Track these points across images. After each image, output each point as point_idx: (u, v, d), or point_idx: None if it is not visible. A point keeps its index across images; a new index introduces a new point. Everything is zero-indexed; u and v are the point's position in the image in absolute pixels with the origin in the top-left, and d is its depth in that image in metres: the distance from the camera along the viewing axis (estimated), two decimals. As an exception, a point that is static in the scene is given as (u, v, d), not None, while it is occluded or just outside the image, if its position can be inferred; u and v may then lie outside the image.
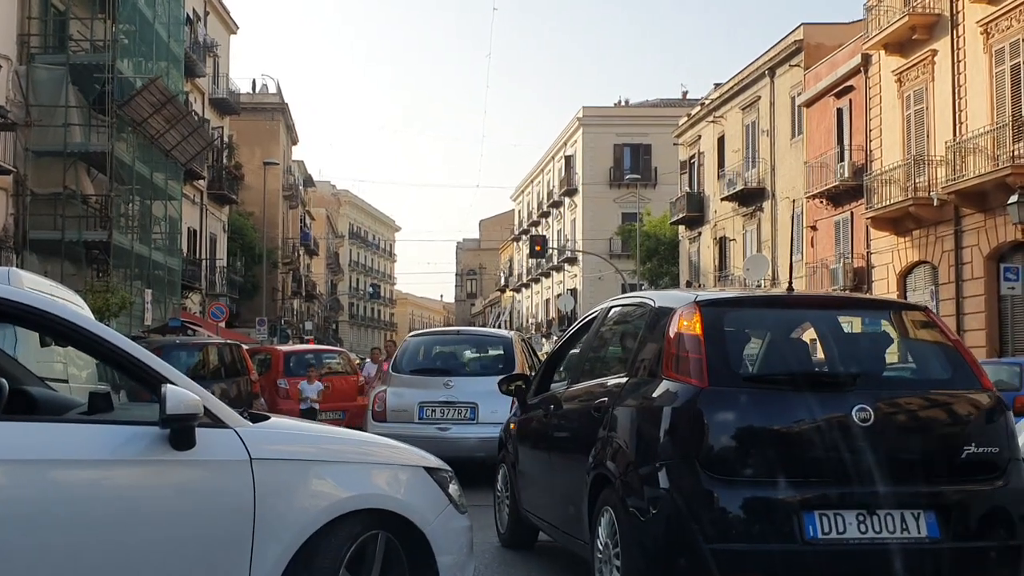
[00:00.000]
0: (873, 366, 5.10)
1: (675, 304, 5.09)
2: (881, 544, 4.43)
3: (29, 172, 24.50)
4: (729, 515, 4.44)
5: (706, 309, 4.89)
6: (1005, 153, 21.62)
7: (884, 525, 4.47)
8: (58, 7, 26.11)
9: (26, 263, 23.11)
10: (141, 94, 26.53)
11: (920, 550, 4.46)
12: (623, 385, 5.23)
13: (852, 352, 5.35)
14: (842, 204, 30.40)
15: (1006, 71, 22.26)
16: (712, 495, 4.44)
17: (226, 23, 46.25)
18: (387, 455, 4.34)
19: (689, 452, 4.53)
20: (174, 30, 31.89)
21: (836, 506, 4.46)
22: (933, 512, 4.52)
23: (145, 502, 3.59)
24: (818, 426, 4.58)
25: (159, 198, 31.22)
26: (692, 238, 44.52)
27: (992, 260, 22.90)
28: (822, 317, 5.41)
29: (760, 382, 4.86)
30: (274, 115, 54.92)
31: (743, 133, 38.73)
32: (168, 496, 3.63)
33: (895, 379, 5.25)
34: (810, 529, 4.41)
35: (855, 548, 4.43)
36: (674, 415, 4.64)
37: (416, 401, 10.98)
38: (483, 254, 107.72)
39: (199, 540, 3.65)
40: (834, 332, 5.34)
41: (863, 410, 4.56)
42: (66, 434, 3.61)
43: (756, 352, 5.36)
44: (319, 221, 78.16)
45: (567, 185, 63.76)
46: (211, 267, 41.41)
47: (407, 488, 4.19)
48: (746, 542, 4.42)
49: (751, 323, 5.35)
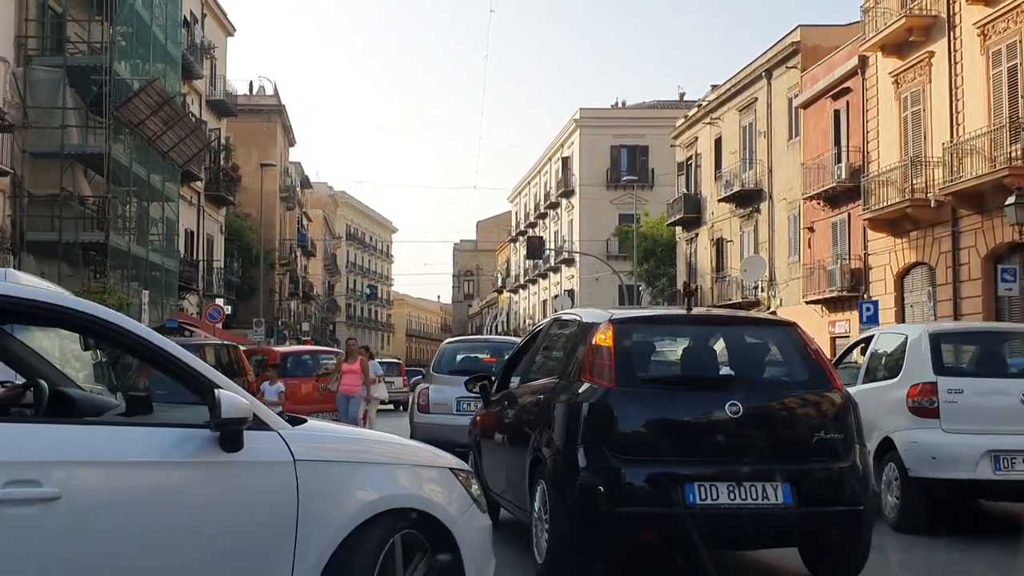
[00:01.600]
0: (748, 371, 6.48)
1: (596, 320, 6.41)
2: (746, 508, 5.69)
3: (26, 173, 24.48)
4: (631, 486, 5.68)
5: (617, 325, 6.20)
6: (1002, 154, 21.62)
7: (749, 494, 5.71)
8: (55, 9, 26.08)
9: (23, 264, 23.08)
10: (138, 96, 26.52)
11: (776, 513, 5.73)
12: (557, 385, 6.48)
13: (732, 359, 6.64)
14: (839, 205, 30.41)
15: (1003, 73, 22.28)
16: (619, 471, 5.68)
17: (223, 25, 46.21)
18: (415, 456, 4.48)
19: (600, 438, 5.80)
20: (171, 32, 31.87)
21: (711, 479, 5.69)
22: (788, 484, 5.75)
23: (199, 502, 3.68)
24: (699, 418, 5.94)
25: (156, 199, 31.19)
26: (689, 239, 44.54)
27: (989, 261, 22.91)
28: (710, 332, 6.75)
29: (656, 383, 6.23)
30: (271, 117, 54.87)
31: (740, 135, 38.74)
32: (219, 496, 3.71)
33: (764, 381, 6.48)
34: (691, 496, 5.65)
35: (726, 511, 5.67)
36: (589, 409, 5.88)
37: (454, 396, 12.82)
38: (480, 255, 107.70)
39: (247, 539, 3.74)
40: (719, 343, 6.69)
41: (734, 405, 5.83)
42: (127, 437, 3.69)
43: (656, 359, 6.72)
44: (316, 222, 78.09)
45: (564, 186, 63.74)
46: (208, 268, 41.39)
47: (435, 488, 4.33)
48: (643, 506, 5.64)
49: (653, 336, 6.70)
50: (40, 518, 3.26)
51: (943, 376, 8.53)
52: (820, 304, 31.25)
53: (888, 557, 7.23)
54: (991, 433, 8.26)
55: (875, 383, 9.38)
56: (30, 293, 3.92)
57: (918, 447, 8.39)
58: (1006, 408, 8.35)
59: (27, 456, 3.35)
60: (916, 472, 8.36)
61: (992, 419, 8.35)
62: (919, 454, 8.37)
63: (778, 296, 35.15)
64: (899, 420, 8.62)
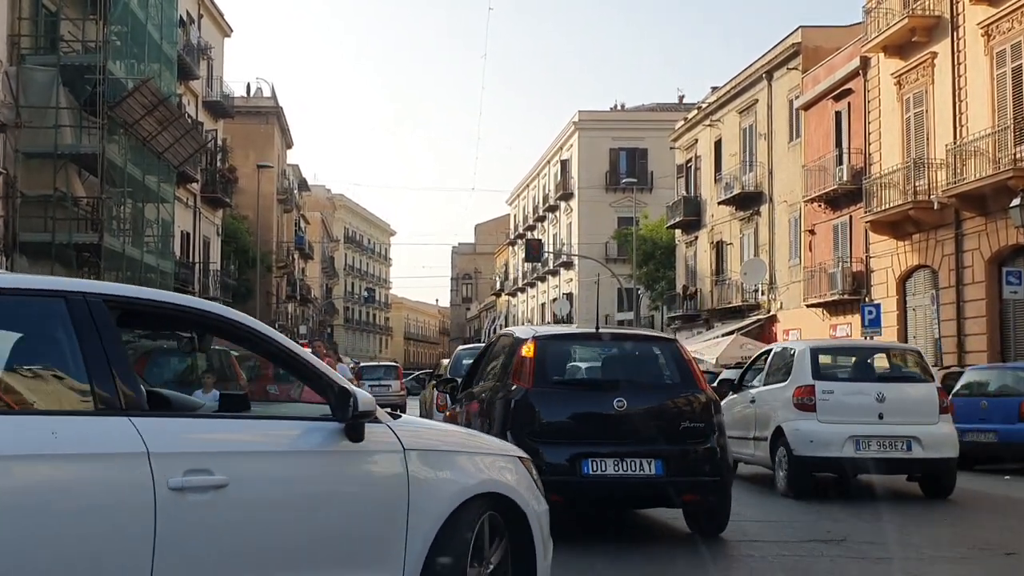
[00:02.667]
0: (633, 375, 8.42)
1: (524, 336, 8.39)
2: (627, 478, 7.64)
3: (19, 174, 24.21)
4: (544, 461, 7.11)
5: (539, 340, 8.14)
6: (1007, 156, 21.42)
7: (629, 467, 7.63)
8: (49, 8, 25.84)
9: (16, 266, 22.85)
10: (133, 95, 26.28)
11: (650, 482, 7.68)
12: (496, 385, 8.47)
13: (624, 367, 8.63)
14: (840, 208, 30.18)
15: (1007, 73, 22.05)
16: (537, 450, 7.06)
17: (220, 26, 45.97)
18: (493, 446, 5.06)
19: (523, 425, 7.64)
20: (167, 32, 31.60)
21: (601, 456, 7.61)
22: (660, 460, 7.67)
23: (335, 487, 4.13)
24: (594, 410, 7.87)
25: (151, 201, 30.91)
26: (689, 242, 44.32)
27: (993, 264, 22.68)
28: (610, 346, 8.86)
29: (564, 384, 8.28)
30: (268, 119, 54.68)
31: (740, 137, 38.53)
32: (348, 481, 4.17)
33: (646, 383, 8.36)
34: (586, 469, 7.58)
35: (611, 480, 7.63)
36: (515, 404, 7.79)
37: None
38: (479, 258, 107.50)
39: (369, 520, 4.16)
40: (615, 354, 8.81)
41: (620, 401, 7.75)
42: (274, 430, 4.18)
43: (569, 366, 8.80)
44: (314, 225, 77.88)
45: (563, 189, 63.54)
46: (204, 271, 41.08)
47: (512, 475, 4.79)
48: (553, 476, 6.74)
49: (566, 349, 8.86)
50: (212, 503, 3.64)
51: (819, 380, 11.28)
52: (821, 307, 31.00)
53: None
54: (853, 423, 11.01)
55: (772, 385, 12.06)
56: (171, 297, 4.25)
57: (800, 433, 11.05)
58: (864, 405, 11.10)
59: (200, 448, 3.75)
60: (798, 452, 11.05)
61: (854, 413, 11.10)
62: (801, 438, 11.04)
63: (778, 299, 34.92)
64: (787, 413, 11.29)
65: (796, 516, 9.75)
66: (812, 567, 7.19)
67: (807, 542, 8.17)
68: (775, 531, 8.85)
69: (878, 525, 9.25)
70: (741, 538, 8.24)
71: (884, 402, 11.06)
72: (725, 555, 7.58)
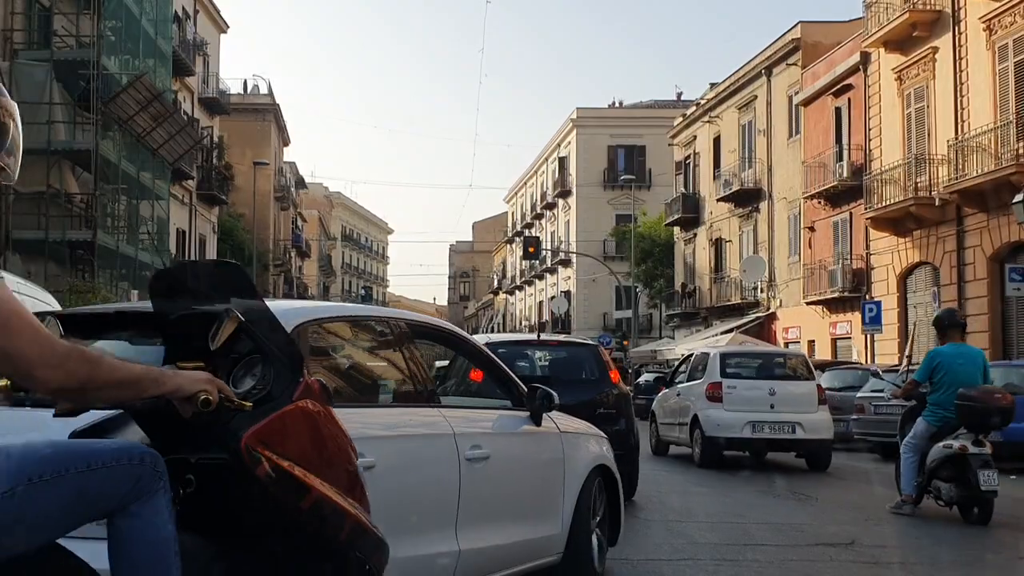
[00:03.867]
0: (563, 373, 10.39)
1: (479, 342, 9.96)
2: None
3: (12, 170, 23.95)
4: None
5: (487, 345, 8.65)
6: (1009, 151, 21.23)
7: None
8: (42, 2, 25.61)
9: (8, 264, 22.58)
10: (127, 91, 26.06)
11: None
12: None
13: (556, 367, 10.80)
14: (840, 204, 29.97)
15: (1010, 68, 21.85)
16: None
17: (216, 22, 45.71)
18: (595, 430, 6.48)
19: None
20: (162, 27, 31.36)
21: None
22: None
23: (535, 456, 5.63)
24: None
25: (146, 198, 30.68)
26: (687, 240, 44.11)
27: (995, 261, 22.48)
28: (546, 349, 11.29)
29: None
30: (265, 116, 54.39)
31: (739, 133, 38.31)
32: (538, 453, 5.65)
33: (572, 379, 10.11)
34: None
35: None
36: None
37: None
38: (476, 256, 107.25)
39: (548, 482, 5.64)
40: (552, 358, 11.02)
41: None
42: (500, 416, 5.50)
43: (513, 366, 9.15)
44: (311, 223, 77.60)
45: (561, 186, 63.31)
46: (200, 268, 40.80)
47: (608, 450, 6.42)
48: None
49: (511, 352, 10.02)
50: (483, 468, 4.94)
51: (725, 378, 14.58)
52: (821, 305, 30.80)
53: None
54: (751, 411, 14.23)
55: (692, 382, 15.50)
56: (424, 319, 5.72)
57: (710, 418, 14.40)
58: (760, 397, 14.39)
59: (476, 429, 5.12)
60: (709, 433, 14.36)
61: (752, 404, 14.30)
62: (711, 423, 14.37)
63: (778, 297, 34.71)
64: (702, 404, 14.60)
65: (796, 516, 9.72)
66: (822, 573, 6.98)
67: (814, 546, 7.96)
68: (778, 534, 8.65)
69: (883, 527, 9.08)
70: (747, 542, 8.06)
71: (775, 395, 14.32)
72: (730, 560, 7.33)
